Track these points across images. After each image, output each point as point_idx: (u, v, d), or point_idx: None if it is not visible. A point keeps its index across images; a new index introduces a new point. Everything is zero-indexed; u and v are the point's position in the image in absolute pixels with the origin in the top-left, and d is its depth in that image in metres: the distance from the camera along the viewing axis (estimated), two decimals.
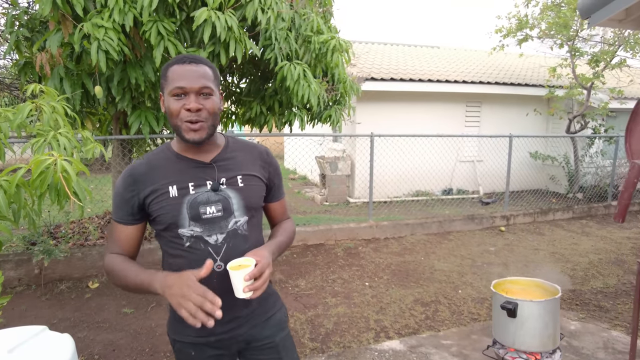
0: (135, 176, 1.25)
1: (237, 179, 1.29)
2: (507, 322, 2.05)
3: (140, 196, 1.24)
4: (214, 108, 1.23)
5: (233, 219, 1.26)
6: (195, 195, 1.23)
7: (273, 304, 1.41)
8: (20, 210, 1.85)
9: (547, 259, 5.03)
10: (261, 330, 1.35)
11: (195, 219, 1.22)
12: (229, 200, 1.26)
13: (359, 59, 8.98)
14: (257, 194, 1.34)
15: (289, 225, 1.49)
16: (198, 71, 1.20)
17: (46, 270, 4.27)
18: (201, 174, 1.26)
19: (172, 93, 1.19)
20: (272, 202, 1.45)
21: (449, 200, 8.31)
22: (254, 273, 1.11)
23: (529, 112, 9.26)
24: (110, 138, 4.73)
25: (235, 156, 1.33)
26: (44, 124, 2.17)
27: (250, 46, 3.86)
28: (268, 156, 1.40)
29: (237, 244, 1.26)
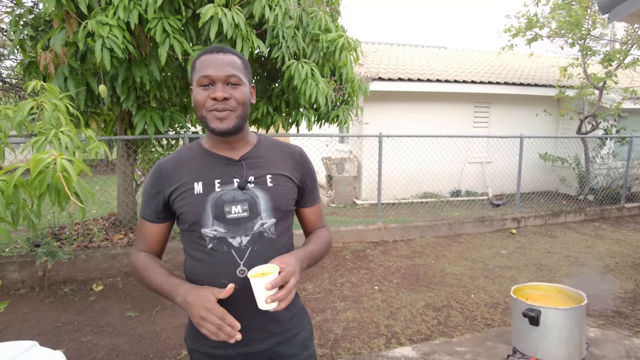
0: (162, 171, 1.21)
1: (266, 178, 1.21)
2: (528, 331, 1.94)
3: (165, 193, 1.19)
4: (244, 97, 1.15)
5: (259, 220, 1.18)
6: (221, 193, 1.16)
7: (300, 319, 1.31)
8: (19, 212, 1.77)
9: (561, 263, 4.90)
10: (285, 347, 1.25)
11: (219, 218, 1.15)
12: (255, 200, 1.18)
13: (366, 58, 8.89)
14: (287, 196, 1.24)
15: (324, 234, 1.36)
16: (225, 60, 1.14)
17: (50, 272, 4.20)
18: (229, 171, 1.19)
19: (199, 83, 1.13)
20: (306, 206, 1.35)
21: (458, 202, 8.18)
22: (277, 281, 1.02)
23: (538, 112, 9.11)
24: (115, 138, 4.67)
25: (266, 154, 1.25)
26: (46, 122, 2.09)
27: (258, 44, 3.78)
28: (302, 157, 1.31)
29: (262, 248, 1.17)
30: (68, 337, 3.25)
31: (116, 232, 4.98)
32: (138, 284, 4.28)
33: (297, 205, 1.33)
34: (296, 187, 1.28)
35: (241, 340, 1.16)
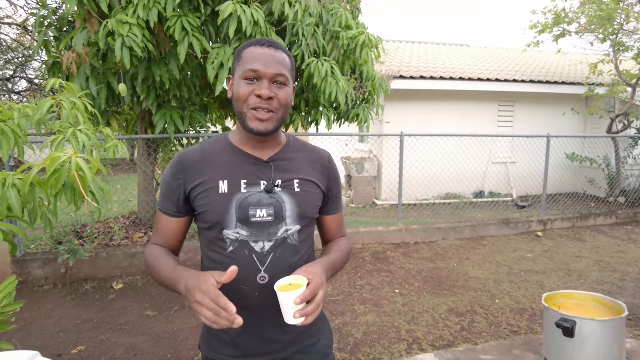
0: (185, 164, 1.13)
1: (294, 183, 1.15)
2: (562, 342, 1.82)
3: (186, 187, 1.12)
4: (287, 99, 1.10)
5: (284, 226, 1.12)
6: (247, 194, 1.10)
7: (320, 328, 1.25)
8: (36, 211, 1.75)
9: (591, 268, 4.69)
10: (305, 356, 1.20)
11: (243, 221, 1.09)
12: (282, 205, 1.12)
13: (387, 56, 8.76)
14: (313, 203, 1.19)
15: (345, 244, 1.30)
16: (276, 56, 1.08)
17: (72, 269, 4.25)
18: (256, 172, 1.13)
19: (244, 76, 1.06)
20: (328, 214, 1.28)
21: (481, 203, 7.97)
22: (306, 296, 0.95)
23: (565, 111, 8.81)
24: (135, 137, 4.70)
25: (295, 157, 1.19)
26: (64, 120, 2.08)
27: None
28: (330, 163, 1.25)
29: (285, 255, 1.11)
30: (88, 334, 3.26)
31: (136, 231, 5.01)
32: (157, 283, 4.29)
33: (320, 212, 1.26)
34: (322, 194, 1.22)
35: (258, 349, 1.13)
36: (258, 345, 1.14)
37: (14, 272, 4.20)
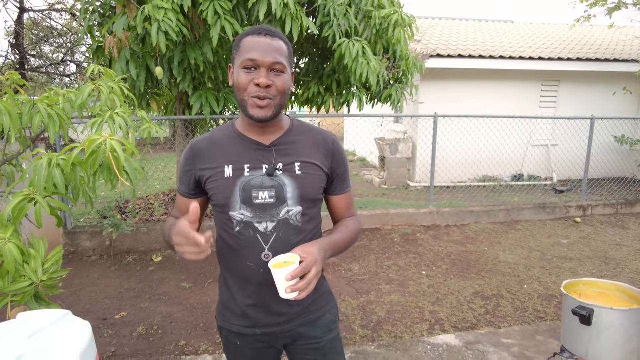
0: (195, 151, 1.23)
1: (295, 166, 1.20)
2: (579, 330, 1.82)
3: (196, 172, 1.22)
4: (285, 86, 1.14)
5: (285, 207, 1.18)
6: (250, 178, 1.17)
7: (326, 303, 1.33)
8: (78, 188, 1.91)
9: (631, 257, 4.50)
10: (310, 329, 1.28)
11: (247, 203, 1.17)
12: (283, 188, 1.18)
13: (424, 34, 8.52)
14: (315, 185, 1.23)
15: (353, 223, 1.33)
16: (272, 45, 1.12)
17: (115, 242, 4.56)
18: (259, 157, 1.19)
19: (242, 65, 1.12)
20: (334, 194, 1.32)
21: (519, 187, 7.73)
22: (297, 273, 1.01)
23: (616, 91, 8.28)
24: (172, 118, 4.89)
25: (297, 141, 1.24)
26: (102, 104, 2.23)
27: (307, 23, 3.74)
28: (334, 145, 1.28)
29: (288, 234, 1.18)
30: (129, 302, 3.53)
31: None
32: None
33: (326, 192, 1.31)
34: (325, 175, 1.25)
35: (267, 320, 1.22)
36: (265, 317, 1.23)
37: (65, 242, 4.57)
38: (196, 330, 3.11)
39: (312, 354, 1.29)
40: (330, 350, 1.31)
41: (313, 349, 1.29)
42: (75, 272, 4.15)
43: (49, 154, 1.75)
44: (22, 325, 0.93)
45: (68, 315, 0.95)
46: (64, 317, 0.95)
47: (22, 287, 1.66)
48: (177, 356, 2.78)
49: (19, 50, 5.89)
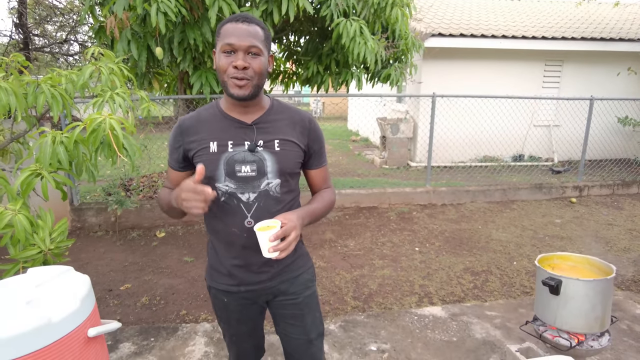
0: (183, 128, 1.35)
1: (274, 142, 1.32)
2: (549, 299, 1.94)
3: (185, 146, 1.34)
4: (261, 68, 1.25)
5: (265, 180, 1.31)
6: (233, 153, 1.29)
7: (303, 263, 1.48)
8: (80, 164, 2.04)
9: (621, 236, 4.61)
10: (289, 286, 1.43)
11: (231, 175, 1.29)
12: (263, 162, 1.30)
13: (427, 13, 8.45)
14: (293, 160, 1.35)
15: (328, 194, 1.48)
16: (249, 30, 1.22)
17: (120, 218, 4.73)
18: (241, 134, 1.31)
19: (222, 49, 1.23)
20: (311, 169, 1.45)
21: (519, 167, 7.79)
22: (278, 235, 1.16)
23: (620, 71, 8.21)
24: (172, 97, 4.98)
25: (276, 119, 1.35)
26: (103, 84, 2.33)
27: (303, 3, 3.78)
28: (310, 123, 1.40)
29: (268, 204, 1.32)
30: (133, 275, 3.70)
31: None
32: (196, 233, 4.70)
33: (304, 167, 1.44)
34: (302, 151, 1.38)
35: (250, 279, 1.39)
36: (249, 275, 1.37)
37: (72, 218, 4.74)
38: (196, 301, 3.29)
39: (291, 308, 1.44)
40: (307, 305, 1.46)
41: (291, 304, 1.44)
42: (82, 246, 4.34)
43: (52, 132, 1.87)
44: (31, 277, 1.08)
45: (70, 270, 1.09)
46: (66, 272, 1.09)
47: (31, 254, 1.81)
48: (177, 324, 2.95)
49: (23, 30, 5.97)
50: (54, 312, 0.92)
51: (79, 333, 0.95)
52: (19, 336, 0.83)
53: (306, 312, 1.46)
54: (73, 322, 0.95)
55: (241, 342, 1.52)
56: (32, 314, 0.92)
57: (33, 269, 1.13)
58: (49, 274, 1.08)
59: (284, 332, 1.48)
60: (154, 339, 2.73)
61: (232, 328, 1.49)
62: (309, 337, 1.47)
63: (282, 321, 1.47)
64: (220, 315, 1.49)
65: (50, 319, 0.89)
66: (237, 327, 1.48)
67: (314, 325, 1.48)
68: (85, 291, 1.07)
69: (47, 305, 0.95)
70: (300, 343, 1.47)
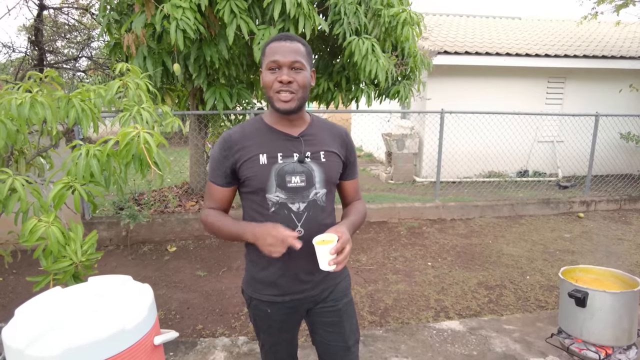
0: (231, 142, 1.38)
1: (320, 154, 1.40)
2: (575, 312, 1.95)
3: (233, 159, 1.37)
4: (304, 81, 1.32)
5: (314, 190, 1.37)
6: (283, 164, 1.35)
7: (342, 272, 1.53)
8: (110, 178, 2.07)
9: (632, 250, 4.62)
10: (329, 294, 1.48)
11: (281, 186, 1.34)
12: (312, 173, 1.37)
13: (432, 31, 8.61)
14: (336, 170, 1.43)
15: (361, 206, 1.56)
16: (291, 47, 1.30)
17: (131, 233, 4.74)
18: (289, 146, 1.37)
19: (267, 67, 1.31)
20: (347, 180, 1.53)
21: (524, 182, 7.83)
22: (338, 247, 1.22)
23: (622, 88, 8.33)
24: (187, 113, 5.05)
25: (319, 133, 1.43)
26: (129, 99, 2.38)
27: (319, 22, 3.88)
28: (347, 137, 1.50)
29: (316, 213, 1.37)
30: None
31: (189, 200, 5.44)
32: (207, 247, 4.70)
33: (340, 178, 1.50)
34: (342, 162, 1.46)
35: (295, 288, 1.42)
36: (294, 284, 1.41)
37: (84, 233, 4.75)
38: (212, 315, 3.28)
39: (330, 315, 1.48)
40: (346, 312, 1.50)
41: (331, 311, 1.48)
42: None
43: (87, 145, 1.91)
44: (93, 286, 1.10)
45: (130, 279, 1.11)
46: (127, 281, 1.12)
47: (63, 266, 1.83)
48: (195, 338, 2.94)
49: (38, 47, 6.08)
50: (126, 320, 0.94)
51: (146, 341, 0.97)
52: (97, 342, 0.86)
53: (345, 319, 1.49)
54: (142, 330, 0.97)
55: (281, 351, 1.55)
56: (106, 321, 0.94)
57: (94, 278, 1.15)
58: (112, 282, 1.10)
59: (323, 340, 1.50)
60: (173, 353, 2.72)
61: (273, 337, 1.51)
62: (347, 344, 1.49)
63: (321, 329, 1.50)
64: (260, 325, 1.51)
65: (124, 326, 0.91)
66: (278, 336, 1.51)
67: (351, 332, 1.51)
68: (150, 300, 1.09)
69: (116, 314, 0.98)
70: (338, 350, 1.49)
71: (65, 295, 1.08)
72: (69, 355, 0.82)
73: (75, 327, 0.92)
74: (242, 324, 3.12)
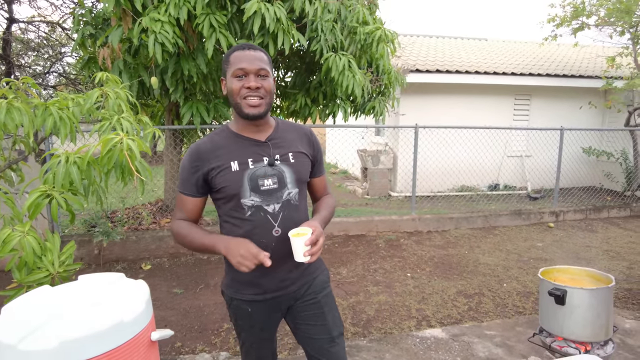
0: (200, 153, 1.40)
1: (289, 155, 1.45)
2: (555, 310, 2.01)
3: (204, 170, 1.39)
4: (270, 87, 1.39)
5: (287, 190, 1.42)
6: (255, 169, 1.38)
7: (318, 266, 1.59)
8: (90, 187, 2.02)
9: (599, 256, 4.80)
10: (308, 288, 1.52)
11: (255, 190, 1.37)
12: (283, 174, 1.41)
13: (404, 50, 8.88)
14: (306, 169, 1.49)
15: (331, 200, 1.63)
16: (256, 56, 1.37)
17: (104, 251, 4.58)
18: (258, 151, 1.41)
19: (234, 74, 1.35)
20: (315, 177, 1.60)
21: (496, 195, 8.07)
22: (312, 239, 1.27)
23: (582, 105, 8.79)
24: (164, 128, 4.98)
25: (285, 135, 1.48)
26: (109, 109, 2.34)
27: (298, 37, 3.95)
28: (312, 135, 1.58)
29: (291, 212, 1.42)
30: None
31: (163, 216, 5.32)
32: (183, 264, 4.59)
33: (309, 176, 1.56)
34: (310, 161, 1.53)
35: (275, 286, 1.45)
36: (274, 283, 1.44)
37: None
38: (191, 332, 3.19)
39: (312, 308, 1.52)
40: (326, 303, 1.54)
41: (311, 304, 1.52)
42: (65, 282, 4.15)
43: (66, 152, 1.86)
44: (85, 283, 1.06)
45: (123, 276, 1.08)
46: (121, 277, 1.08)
47: (39, 278, 1.76)
48: (174, 356, 2.85)
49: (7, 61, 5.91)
50: (125, 312, 0.91)
51: (144, 336, 0.94)
52: (96, 335, 0.82)
53: (326, 310, 1.53)
54: (140, 324, 0.94)
55: (262, 348, 1.57)
56: (104, 313, 0.91)
57: (84, 276, 1.11)
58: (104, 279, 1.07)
59: (307, 335, 1.52)
60: None
61: (254, 336, 1.53)
62: (332, 335, 1.51)
63: (303, 324, 1.52)
64: (242, 324, 1.52)
65: (123, 319, 0.88)
66: (259, 334, 1.53)
67: (334, 324, 1.53)
68: (147, 294, 1.06)
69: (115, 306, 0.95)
70: (323, 342, 1.50)
71: (56, 292, 1.04)
72: (66, 349, 0.79)
73: (72, 320, 0.88)
74: (222, 340, 3.05)
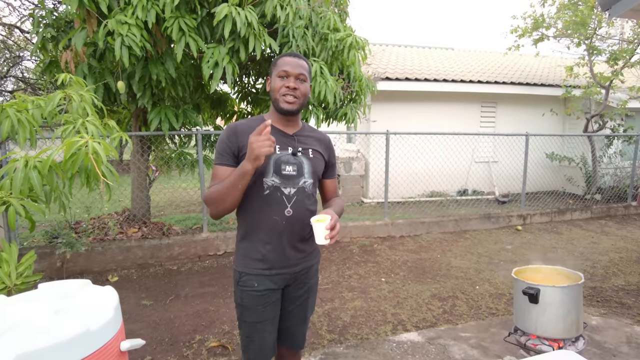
0: (237, 131, 1.60)
1: (309, 151, 1.68)
2: (529, 309, 2.04)
3: (238, 145, 1.58)
4: (306, 90, 1.63)
5: (303, 179, 1.63)
6: (280, 155, 1.60)
7: (317, 254, 1.80)
8: (52, 193, 1.91)
9: (566, 257, 4.96)
10: (306, 273, 1.73)
11: (277, 172, 1.58)
12: (302, 165, 1.63)
13: (374, 58, 9.01)
14: (320, 166, 1.72)
15: (340, 201, 1.83)
16: (299, 63, 1.60)
17: (68, 263, 4.36)
18: (285, 141, 1.63)
19: (278, 75, 1.59)
20: (328, 178, 1.81)
21: (465, 200, 8.25)
22: (332, 224, 1.46)
23: (545, 112, 9.15)
24: (132, 134, 4.82)
25: (309, 135, 1.72)
26: (73, 111, 2.24)
27: (269, 42, 3.92)
28: (330, 143, 1.81)
29: (303, 198, 1.62)
30: None
31: (130, 226, 5.13)
32: (152, 275, 4.43)
33: (322, 176, 1.77)
34: (325, 162, 1.75)
35: (281, 263, 1.63)
36: (280, 260, 1.62)
37: None
38: (161, 345, 3.06)
39: (300, 291, 1.74)
40: (312, 290, 1.79)
41: (302, 288, 1.74)
42: None
43: (25, 155, 1.75)
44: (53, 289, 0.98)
45: (89, 283, 1.00)
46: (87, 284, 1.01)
47: None
48: None
49: None
50: (91, 321, 0.84)
51: (113, 345, 0.87)
52: (59, 345, 0.74)
53: (310, 295, 1.78)
54: (109, 332, 0.87)
55: (264, 330, 1.66)
56: (68, 322, 0.83)
57: (44, 284, 1.02)
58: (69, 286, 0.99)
59: (287, 311, 1.74)
60: None
61: (257, 314, 1.64)
62: (306, 316, 1.79)
63: (289, 303, 1.73)
64: (247, 303, 1.63)
65: (89, 327, 0.81)
66: (263, 313, 1.64)
67: (311, 307, 1.81)
68: (116, 301, 0.98)
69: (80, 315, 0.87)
70: (297, 320, 1.77)
71: (13, 301, 0.94)
72: None
73: (32, 330, 0.80)
74: (194, 352, 2.94)
